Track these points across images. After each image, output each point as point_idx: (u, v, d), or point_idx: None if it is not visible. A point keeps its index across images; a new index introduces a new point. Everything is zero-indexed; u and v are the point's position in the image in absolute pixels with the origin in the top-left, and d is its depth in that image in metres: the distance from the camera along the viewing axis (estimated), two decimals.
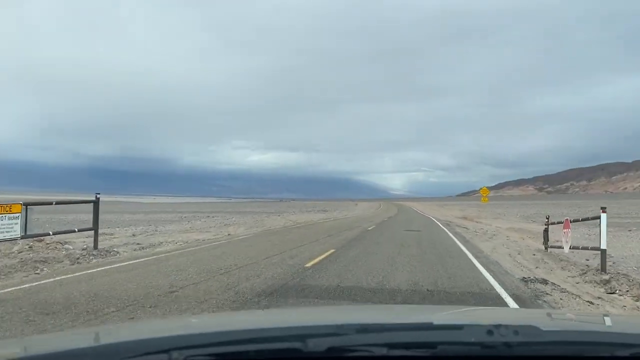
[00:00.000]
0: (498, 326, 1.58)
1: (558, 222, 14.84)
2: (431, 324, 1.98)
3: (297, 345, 1.51)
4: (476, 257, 12.71)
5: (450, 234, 21.44)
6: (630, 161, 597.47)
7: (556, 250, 13.82)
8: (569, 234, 12.57)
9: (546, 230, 15.45)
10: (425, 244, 16.42)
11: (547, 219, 16.54)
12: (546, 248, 14.72)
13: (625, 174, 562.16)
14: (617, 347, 1.58)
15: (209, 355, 1.48)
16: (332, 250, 13.33)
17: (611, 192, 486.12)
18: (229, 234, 19.90)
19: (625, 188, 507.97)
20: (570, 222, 12.88)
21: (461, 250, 14.83)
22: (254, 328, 1.96)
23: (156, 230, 21.99)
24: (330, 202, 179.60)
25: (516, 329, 1.60)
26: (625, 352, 1.54)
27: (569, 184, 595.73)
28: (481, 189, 40.90)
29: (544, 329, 1.69)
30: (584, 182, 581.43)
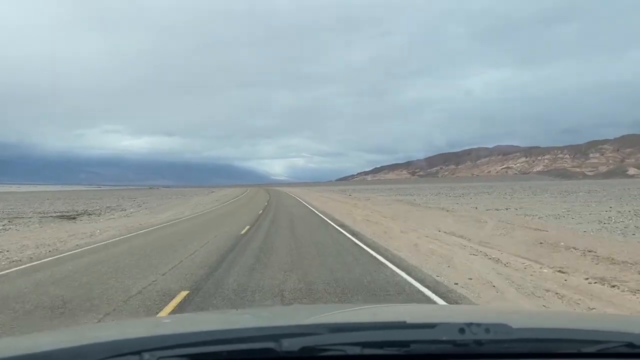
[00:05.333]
0: (470, 324, 1.57)
1: None
2: (404, 322, 1.86)
3: (270, 345, 1.48)
4: None
5: None
6: (491, 146, 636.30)
7: None
8: None
9: None
10: None
11: None
12: None
13: (488, 158, 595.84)
14: (583, 344, 1.61)
15: (181, 356, 1.44)
16: None
17: (477, 175, 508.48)
18: None
19: (489, 171, 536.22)
20: None
21: None
22: (227, 328, 1.90)
23: None
24: (191, 190, 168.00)
25: (487, 327, 1.58)
26: (592, 349, 1.57)
27: (439, 167, 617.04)
28: None
29: (514, 327, 1.66)
30: (453, 166, 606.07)
